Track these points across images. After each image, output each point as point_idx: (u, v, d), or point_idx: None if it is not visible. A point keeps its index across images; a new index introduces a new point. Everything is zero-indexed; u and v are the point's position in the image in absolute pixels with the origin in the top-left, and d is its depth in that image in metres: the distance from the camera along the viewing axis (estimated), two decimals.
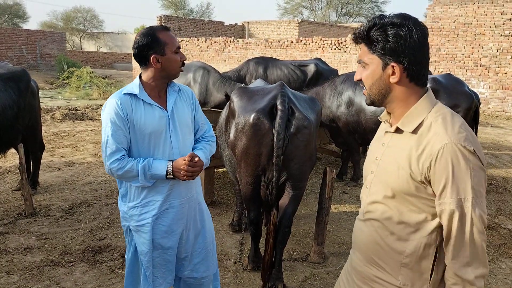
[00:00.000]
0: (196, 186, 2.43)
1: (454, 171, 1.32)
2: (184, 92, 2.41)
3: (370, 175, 1.57)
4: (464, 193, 1.32)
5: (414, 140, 1.41)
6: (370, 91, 1.49)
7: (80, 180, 5.87)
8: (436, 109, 1.44)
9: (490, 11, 12.75)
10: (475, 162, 1.34)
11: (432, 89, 4.96)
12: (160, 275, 2.33)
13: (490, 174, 6.65)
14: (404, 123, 1.45)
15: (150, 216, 2.26)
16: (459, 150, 1.32)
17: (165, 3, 39.89)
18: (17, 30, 25.45)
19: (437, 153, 1.33)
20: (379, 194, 1.51)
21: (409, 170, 1.39)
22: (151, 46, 2.16)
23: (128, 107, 2.17)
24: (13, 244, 3.93)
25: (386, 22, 1.40)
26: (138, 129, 2.19)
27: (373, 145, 1.65)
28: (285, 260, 3.68)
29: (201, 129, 2.49)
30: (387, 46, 1.39)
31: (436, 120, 1.39)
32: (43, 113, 10.51)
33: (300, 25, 26.44)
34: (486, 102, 13.06)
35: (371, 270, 1.55)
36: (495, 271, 3.71)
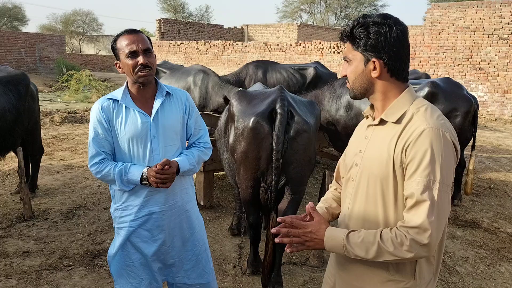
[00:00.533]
0: (183, 193, 2.36)
1: (429, 152, 1.40)
2: (177, 96, 2.35)
3: (355, 167, 1.62)
4: (434, 175, 1.39)
5: (396, 129, 1.50)
6: (353, 85, 1.58)
7: (79, 183, 5.86)
8: (417, 102, 1.53)
9: (489, 14, 12.79)
10: (450, 151, 1.44)
11: (431, 93, 5.01)
12: (145, 277, 2.33)
13: (489, 178, 6.66)
14: (387, 114, 1.54)
15: (128, 220, 2.27)
16: (438, 133, 1.41)
17: (165, 6, 39.95)
18: (16, 33, 25.44)
19: (417, 135, 1.42)
20: (363, 185, 1.57)
21: (392, 155, 1.47)
22: (113, 53, 2.23)
23: (109, 112, 2.20)
24: (11, 248, 3.92)
25: (368, 21, 1.49)
26: (118, 134, 2.21)
27: (354, 140, 1.73)
28: (284, 264, 3.68)
29: (195, 135, 2.44)
30: (368, 42, 1.49)
31: (418, 111, 1.49)
32: (42, 116, 10.50)
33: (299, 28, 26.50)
34: (485, 106, 13.09)
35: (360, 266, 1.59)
36: (494, 275, 3.71)
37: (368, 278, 1.58)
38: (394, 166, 1.47)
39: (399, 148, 1.46)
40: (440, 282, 3.56)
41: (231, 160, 3.46)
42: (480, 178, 6.63)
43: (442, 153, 1.40)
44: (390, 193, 1.50)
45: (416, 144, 1.41)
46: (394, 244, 1.40)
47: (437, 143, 1.40)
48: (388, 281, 1.54)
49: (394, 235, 1.42)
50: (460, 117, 4.98)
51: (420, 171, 1.40)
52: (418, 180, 1.40)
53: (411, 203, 1.41)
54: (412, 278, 1.52)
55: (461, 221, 4.89)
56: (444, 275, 3.67)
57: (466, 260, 3.97)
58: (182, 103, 2.36)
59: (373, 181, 1.53)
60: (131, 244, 2.30)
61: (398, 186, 1.48)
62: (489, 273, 3.74)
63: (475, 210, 5.27)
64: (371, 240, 1.44)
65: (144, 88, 2.23)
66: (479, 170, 7.00)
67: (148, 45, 2.18)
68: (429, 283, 1.57)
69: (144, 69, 2.14)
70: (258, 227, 3.44)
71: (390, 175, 1.48)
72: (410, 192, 1.41)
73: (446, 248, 4.17)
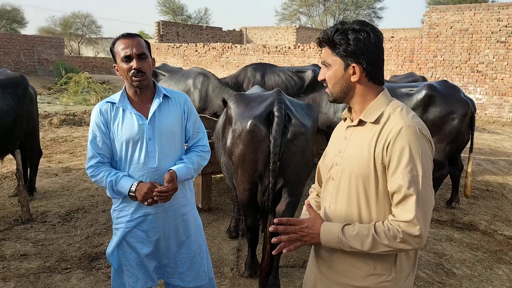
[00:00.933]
0: (179, 197, 2.36)
1: (409, 148, 1.49)
2: (175, 99, 2.36)
3: (335, 167, 1.69)
4: (416, 170, 1.48)
5: (375, 129, 1.58)
6: (333, 89, 1.64)
7: (77, 186, 5.86)
8: (392, 104, 1.62)
9: (487, 17, 12.84)
10: (427, 146, 1.53)
11: (428, 95, 5.03)
12: (141, 276, 2.36)
13: (487, 180, 6.67)
14: (366, 115, 1.62)
15: (124, 221, 2.31)
16: (414, 130, 1.51)
17: (164, 9, 39.97)
18: (15, 35, 25.48)
19: (395, 134, 1.51)
20: (345, 184, 1.63)
21: (372, 154, 1.55)
22: (112, 56, 2.26)
23: (107, 115, 2.24)
24: (9, 251, 3.92)
25: (347, 27, 1.57)
26: (115, 137, 2.24)
27: (333, 141, 1.80)
28: (282, 267, 3.68)
29: (193, 138, 2.45)
30: (348, 48, 1.56)
31: (394, 112, 1.58)
32: (40, 118, 10.49)
33: (298, 31, 26.55)
34: (483, 108, 13.12)
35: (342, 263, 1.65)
36: (492, 278, 3.72)
37: (351, 274, 1.64)
38: (375, 164, 1.54)
39: (379, 146, 1.54)
40: (437, 285, 3.57)
41: (229, 163, 3.47)
42: (478, 180, 6.64)
43: (420, 148, 1.49)
44: (372, 190, 1.57)
45: (396, 142, 1.50)
46: (388, 237, 1.48)
47: (415, 140, 1.49)
48: (370, 275, 1.61)
49: (387, 229, 1.49)
50: (457, 119, 5.00)
51: (402, 167, 1.48)
52: (402, 176, 1.47)
53: (399, 198, 1.49)
54: (393, 272, 1.60)
55: (458, 223, 4.90)
56: (442, 278, 3.68)
57: (463, 262, 3.97)
58: (181, 105, 2.37)
59: (355, 179, 1.60)
60: (127, 244, 2.33)
61: (380, 183, 1.56)
62: (486, 276, 3.75)
63: (472, 212, 5.28)
64: (365, 233, 1.51)
65: (141, 91, 2.26)
66: (477, 173, 7.02)
67: (143, 50, 2.18)
68: (408, 276, 1.64)
69: (137, 74, 2.16)
70: (256, 230, 3.44)
71: (371, 173, 1.56)
72: (396, 187, 1.49)
73: (444, 251, 4.18)
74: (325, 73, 1.64)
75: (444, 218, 5.05)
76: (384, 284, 1.60)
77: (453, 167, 5.45)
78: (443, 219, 5.00)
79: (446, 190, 6.03)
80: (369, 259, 1.59)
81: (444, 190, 6.03)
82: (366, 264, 1.60)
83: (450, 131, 5.01)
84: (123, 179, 2.20)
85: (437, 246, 4.27)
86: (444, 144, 5.06)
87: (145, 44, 2.23)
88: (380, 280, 1.60)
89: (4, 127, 4.57)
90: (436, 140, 5.10)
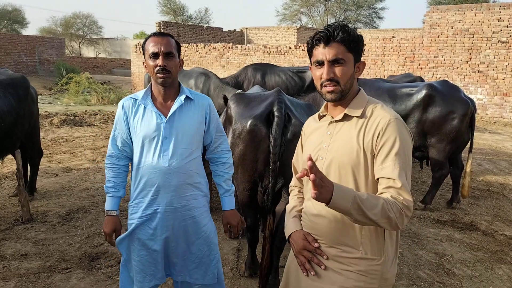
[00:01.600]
0: (191, 199, 2.38)
1: (399, 138, 1.62)
2: (198, 102, 2.38)
3: (320, 160, 1.76)
4: (405, 157, 1.62)
5: (361, 122, 1.70)
6: (345, 86, 1.70)
7: (77, 186, 5.87)
8: (370, 100, 1.77)
9: (488, 17, 12.82)
10: (410, 137, 1.70)
11: (428, 95, 5.03)
12: (150, 272, 2.39)
13: (488, 180, 6.66)
14: (351, 110, 1.73)
15: (136, 217, 2.35)
16: (401, 123, 1.67)
17: (164, 9, 40.00)
18: (16, 35, 25.49)
19: (385, 125, 1.64)
20: (335, 174, 1.71)
21: (362, 145, 1.66)
22: (142, 53, 2.33)
23: (129, 110, 2.33)
24: (9, 251, 3.92)
25: (349, 27, 1.68)
26: (134, 132, 2.31)
27: (314, 138, 1.86)
28: (282, 267, 3.66)
29: (215, 142, 2.49)
30: (359, 46, 1.71)
31: (376, 107, 1.73)
32: (41, 118, 10.50)
33: (299, 31, 26.54)
34: (484, 108, 13.11)
35: (334, 250, 1.74)
36: (492, 278, 3.71)
37: (343, 259, 1.72)
38: (365, 154, 1.66)
39: (368, 137, 1.66)
40: (438, 285, 3.56)
41: None
42: (478, 180, 6.64)
43: (406, 139, 1.65)
44: (362, 178, 1.68)
45: (386, 132, 1.63)
46: (394, 211, 1.55)
47: (402, 131, 1.65)
48: (362, 259, 1.70)
49: (392, 203, 1.56)
50: (457, 119, 4.99)
51: (392, 155, 1.61)
52: (393, 163, 1.60)
53: (391, 183, 1.59)
54: (382, 256, 1.71)
55: (459, 223, 4.89)
56: (442, 278, 3.67)
57: (464, 262, 3.97)
58: (203, 108, 2.40)
59: (344, 170, 1.69)
60: (138, 241, 2.37)
61: (369, 172, 1.67)
62: (487, 276, 3.74)
63: (473, 212, 5.27)
64: (375, 202, 1.54)
65: (165, 90, 2.31)
66: (477, 173, 7.01)
67: (171, 49, 2.24)
68: (393, 260, 1.77)
69: (162, 71, 2.21)
70: (256, 230, 3.44)
71: (361, 163, 1.66)
72: (389, 173, 1.60)
73: (444, 251, 4.17)
74: (338, 70, 1.67)
75: (444, 218, 5.05)
76: (375, 267, 1.71)
77: (453, 167, 5.44)
78: (444, 219, 5.00)
79: (446, 190, 6.03)
80: (360, 245, 1.70)
81: (445, 190, 6.02)
82: (357, 250, 1.70)
83: (450, 131, 5.01)
84: (110, 199, 2.41)
85: (437, 246, 4.27)
86: (444, 144, 5.05)
87: (175, 44, 2.30)
88: (371, 264, 1.70)
89: (4, 127, 4.57)
90: (436, 140, 5.10)
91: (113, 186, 2.39)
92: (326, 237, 1.75)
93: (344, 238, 1.72)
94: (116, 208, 2.41)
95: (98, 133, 9.58)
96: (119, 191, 2.41)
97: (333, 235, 1.73)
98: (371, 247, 1.70)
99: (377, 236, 1.71)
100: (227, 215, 2.53)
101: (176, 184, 2.29)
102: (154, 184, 2.28)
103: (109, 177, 2.40)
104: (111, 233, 2.38)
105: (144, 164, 2.30)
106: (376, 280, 1.71)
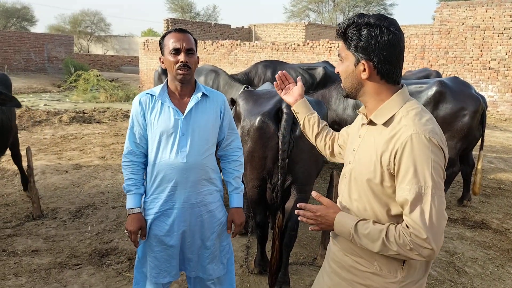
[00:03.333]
0: (207, 194, 2.40)
1: (417, 159, 1.41)
2: (213, 98, 2.40)
3: (348, 165, 1.67)
4: (424, 181, 1.40)
5: (385, 132, 1.51)
6: (344, 84, 1.62)
7: (87, 183, 5.90)
8: (407, 105, 1.53)
9: (499, 13, 12.67)
10: (438, 155, 1.43)
11: (439, 92, 4.97)
12: (164, 268, 2.40)
13: (499, 178, 6.60)
14: (376, 116, 1.56)
15: (153, 213, 2.36)
16: (423, 139, 1.42)
17: (172, 6, 40.05)
18: (25, 33, 25.69)
19: (404, 142, 1.43)
20: (358, 182, 1.60)
21: (379, 159, 1.50)
22: (160, 48, 2.33)
23: (146, 106, 2.33)
24: (21, 247, 3.95)
25: (361, 22, 1.50)
26: (151, 128, 2.32)
27: (351, 137, 1.77)
28: (291, 264, 3.67)
29: (227, 139, 2.50)
30: (359, 44, 1.51)
31: (407, 115, 1.49)
32: (50, 116, 10.60)
33: (307, 28, 26.44)
34: (495, 106, 12.97)
35: (349, 260, 1.66)
36: (504, 276, 3.68)
37: (357, 271, 1.64)
38: (382, 169, 1.50)
39: (387, 153, 1.47)
40: (449, 283, 3.53)
41: None
42: (489, 178, 6.57)
43: (430, 158, 1.41)
44: (380, 192, 1.53)
45: (404, 151, 1.43)
46: (398, 244, 1.44)
47: (424, 149, 1.41)
48: (375, 275, 1.59)
49: (398, 235, 1.45)
50: (468, 116, 4.94)
51: (409, 178, 1.42)
52: (409, 188, 1.42)
53: (406, 209, 1.43)
54: (399, 274, 1.56)
55: (470, 221, 4.85)
56: (453, 276, 3.64)
57: (475, 261, 3.93)
58: (218, 105, 2.41)
59: (363, 182, 1.56)
60: (154, 237, 2.38)
61: (385, 187, 1.51)
62: (498, 274, 3.70)
63: (484, 210, 5.22)
64: (376, 236, 1.48)
65: (182, 86, 2.32)
66: (488, 171, 6.94)
67: (192, 46, 2.26)
68: (418, 282, 1.60)
69: (183, 67, 2.23)
70: (265, 227, 3.44)
71: (377, 177, 1.51)
72: (403, 198, 1.43)
73: (455, 249, 4.14)
74: (339, 66, 1.63)
75: (455, 216, 5.00)
76: (390, 285, 1.57)
77: (464, 164, 5.39)
78: (455, 217, 4.96)
79: (457, 188, 5.98)
80: (374, 260, 1.58)
81: (456, 188, 5.97)
82: (371, 264, 1.59)
83: (461, 128, 4.96)
84: (130, 197, 2.37)
85: (448, 244, 4.23)
86: (455, 141, 5.01)
87: (194, 41, 2.32)
88: (385, 281, 1.57)
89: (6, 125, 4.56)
90: (447, 137, 5.05)
91: (134, 183, 2.36)
92: (343, 245, 1.69)
93: (358, 249, 1.61)
94: (139, 205, 2.37)
95: (107, 130, 9.63)
96: (140, 188, 2.39)
97: (349, 244, 1.65)
98: (387, 262, 1.56)
99: None
100: (233, 212, 2.52)
101: (193, 180, 2.31)
102: (171, 180, 2.29)
103: (129, 175, 2.37)
104: (137, 231, 2.32)
105: (161, 160, 2.30)
106: None
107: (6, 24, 36.79)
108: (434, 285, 3.50)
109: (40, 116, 10.43)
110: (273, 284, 3.13)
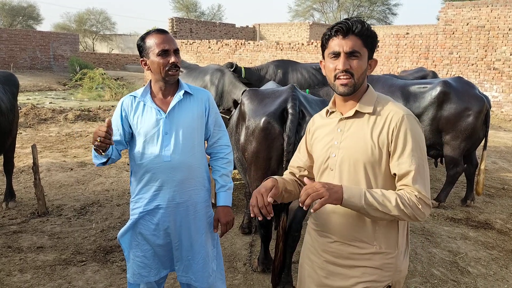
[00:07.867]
0: (193, 193, 2.38)
1: (413, 134, 1.65)
2: (197, 96, 2.39)
3: (333, 158, 1.76)
4: (422, 153, 1.65)
5: (373, 119, 1.70)
6: (358, 80, 1.69)
7: (92, 180, 5.94)
8: (380, 96, 1.77)
9: (504, 14, 12.61)
10: (422, 131, 1.71)
11: (443, 92, 4.97)
12: (155, 266, 2.43)
13: (503, 179, 6.58)
14: (362, 107, 1.73)
15: (138, 212, 2.37)
16: (414, 119, 1.69)
17: (177, 5, 40.11)
18: (31, 31, 25.79)
19: (399, 121, 1.65)
20: (349, 171, 1.71)
21: (377, 142, 1.66)
22: (140, 50, 2.31)
23: (128, 108, 2.34)
24: (26, 243, 3.99)
25: (369, 24, 1.70)
26: (135, 129, 2.32)
27: (323, 136, 1.83)
28: (294, 263, 3.68)
29: (214, 136, 2.48)
30: (374, 43, 1.72)
31: (386, 103, 1.73)
32: (55, 114, 10.65)
33: (311, 27, 26.41)
34: (499, 106, 12.91)
35: (349, 247, 1.74)
36: (507, 277, 3.67)
37: (358, 256, 1.73)
38: (380, 151, 1.66)
39: (383, 134, 1.66)
40: (452, 283, 3.54)
41: (242, 159, 3.47)
42: (493, 179, 6.56)
43: (420, 134, 1.68)
44: (377, 174, 1.69)
45: (401, 129, 1.64)
46: (410, 204, 1.58)
47: (416, 127, 1.67)
48: (376, 254, 1.72)
49: (408, 197, 1.59)
50: (472, 116, 4.94)
51: (408, 151, 1.63)
52: (410, 160, 1.62)
53: (409, 177, 1.61)
54: (396, 249, 1.73)
55: (474, 222, 4.84)
56: (456, 276, 3.65)
57: (478, 261, 3.93)
58: (202, 103, 2.40)
59: (357, 167, 1.69)
60: (141, 236, 2.39)
61: (383, 167, 1.68)
62: (501, 275, 3.70)
63: (488, 211, 5.21)
64: (388, 196, 1.59)
65: (167, 86, 2.31)
66: (492, 171, 6.93)
67: (177, 46, 2.28)
68: (405, 252, 1.79)
69: (174, 68, 2.23)
70: (269, 227, 3.45)
71: (376, 159, 1.67)
72: (405, 170, 1.62)
73: (458, 249, 4.14)
74: (354, 62, 1.66)
75: (459, 216, 5.00)
76: (390, 260, 1.72)
77: (467, 164, 5.39)
78: (458, 217, 4.95)
79: (461, 188, 5.97)
80: (374, 240, 1.71)
81: (459, 188, 5.96)
82: (371, 245, 1.71)
83: (465, 128, 4.96)
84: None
85: (451, 244, 4.23)
86: (459, 141, 5.00)
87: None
88: (386, 257, 1.72)
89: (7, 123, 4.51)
90: (451, 137, 5.05)
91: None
92: (340, 235, 1.76)
93: (358, 234, 1.72)
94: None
95: None
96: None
97: (347, 232, 1.74)
98: (386, 240, 1.72)
99: (390, 230, 1.73)
100: (219, 211, 2.45)
101: (179, 179, 2.30)
102: (157, 180, 2.29)
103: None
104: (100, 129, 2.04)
105: (146, 160, 2.29)
106: (390, 272, 1.73)
107: (12, 22, 36.94)
108: (437, 285, 3.50)
109: (46, 114, 10.49)
110: (276, 284, 3.14)
